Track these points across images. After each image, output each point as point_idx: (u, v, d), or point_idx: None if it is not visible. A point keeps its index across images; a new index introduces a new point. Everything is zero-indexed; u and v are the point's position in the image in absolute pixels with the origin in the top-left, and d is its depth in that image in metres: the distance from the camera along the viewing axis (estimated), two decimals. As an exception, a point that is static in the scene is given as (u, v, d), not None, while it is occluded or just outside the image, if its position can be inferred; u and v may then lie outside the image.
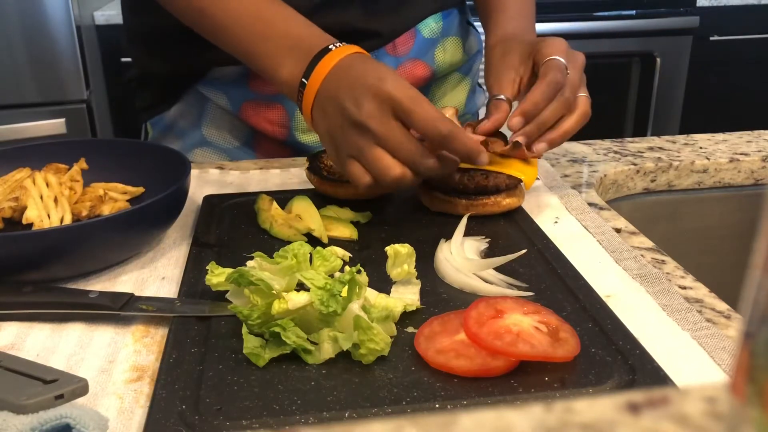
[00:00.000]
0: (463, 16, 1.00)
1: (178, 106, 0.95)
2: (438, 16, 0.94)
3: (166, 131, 0.97)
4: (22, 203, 0.69)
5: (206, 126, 0.94)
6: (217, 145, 0.94)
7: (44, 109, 2.01)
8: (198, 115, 0.94)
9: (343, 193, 0.75)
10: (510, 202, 0.73)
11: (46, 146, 0.80)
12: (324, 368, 0.49)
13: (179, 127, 0.96)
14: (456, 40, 0.97)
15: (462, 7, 1.00)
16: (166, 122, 0.97)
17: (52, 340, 0.55)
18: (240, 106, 0.91)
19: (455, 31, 0.97)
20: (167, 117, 0.96)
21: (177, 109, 0.95)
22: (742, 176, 0.91)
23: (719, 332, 0.53)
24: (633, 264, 0.64)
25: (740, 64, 2.45)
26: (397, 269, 0.58)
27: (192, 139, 0.95)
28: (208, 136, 0.94)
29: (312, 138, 0.92)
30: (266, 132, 0.92)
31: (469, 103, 1.03)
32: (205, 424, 0.43)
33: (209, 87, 0.92)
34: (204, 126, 0.94)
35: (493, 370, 0.47)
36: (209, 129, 0.94)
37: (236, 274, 0.52)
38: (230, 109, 0.91)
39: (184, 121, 0.95)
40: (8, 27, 1.92)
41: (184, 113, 0.95)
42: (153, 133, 1.00)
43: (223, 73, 0.90)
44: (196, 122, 0.94)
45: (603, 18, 2.28)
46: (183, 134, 0.96)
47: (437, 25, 0.94)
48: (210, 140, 0.94)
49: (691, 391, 0.26)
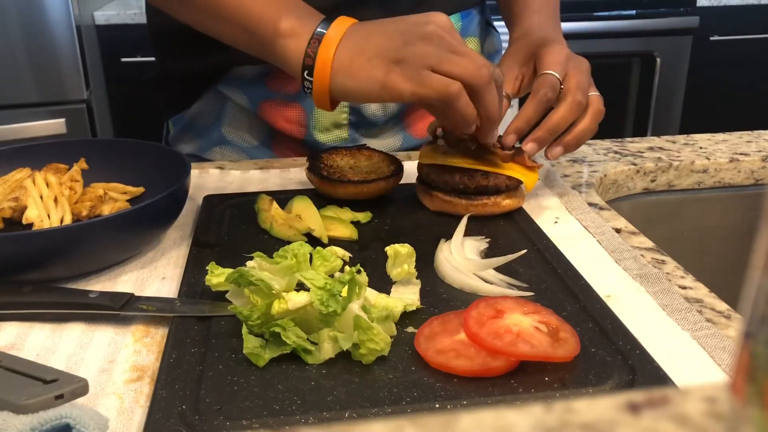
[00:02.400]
0: (483, 16, 1.00)
1: (197, 105, 0.95)
2: (457, 16, 0.94)
3: (185, 130, 0.98)
4: (22, 203, 0.69)
5: (225, 125, 0.94)
6: (236, 144, 0.95)
7: (44, 109, 2.01)
8: (217, 114, 0.94)
9: (343, 193, 0.75)
10: (510, 203, 0.73)
11: (46, 146, 0.80)
12: (324, 368, 0.49)
13: (198, 126, 0.97)
14: (475, 40, 0.98)
15: (481, 7, 1.00)
16: (186, 121, 0.97)
17: (52, 340, 0.55)
18: (258, 105, 0.91)
19: (474, 32, 0.98)
20: (187, 115, 0.97)
21: (197, 108, 0.96)
22: (742, 176, 0.91)
23: (719, 332, 0.53)
24: (633, 264, 0.64)
25: (740, 64, 2.45)
26: (397, 269, 0.58)
27: (211, 137, 0.96)
28: (227, 134, 0.95)
29: (330, 137, 0.92)
30: (284, 131, 0.92)
31: None
32: (205, 424, 0.43)
33: (229, 86, 0.92)
34: (223, 125, 0.94)
35: (493, 370, 0.47)
36: (228, 128, 0.94)
37: (236, 274, 0.52)
38: (249, 108, 0.92)
39: (204, 120, 0.96)
40: (8, 27, 1.92)
41: (204, 112, 0.95)
42: (173, 132, 1.00)
43: (243, 72, 0.90)
44: (215, 121, 0.95)
45: (603, 18, 2.28)
46: (202, 133, 0.96)
47: (456, 25, 0.94)
48: (229, 139, 0.95)
49: (691, 391, 0.26)
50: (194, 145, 0.98)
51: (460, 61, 0.63)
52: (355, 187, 0.74)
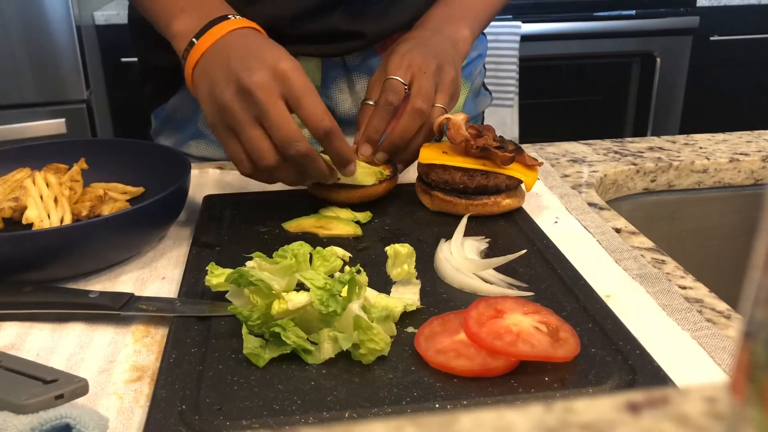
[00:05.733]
0: None
1: (175, 98, 0.96)
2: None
3: (165, 123, 0.98)
4: (22, 203, 0.69)
5: (201, 118, 0.94)
6: (212, 138, 0.95)
7: (44, 109, 2.01)
8: (194, 108, 0.94)
9: (336, 198, 0.74)
10: (510, 203, 0.73)
11: (46, 146, 0.80)
12: (324, 368, 0.49)
13: (176, 119, 0.97)
14: None
15: None
16: (166, 114, 0.98)
17: (52, 340, 0.55)
18: None
19: None
20: (166, 108, 0.97)
21: (174, 102, 0.96)
22: (742, 176, 0.91)
23: (719, 332, 0.53)
24: (633, 264, 0.64)
25: (740, 64, 2.45)
26: (397, 269, 0.58)
27: (187, 131, 0.96)
28: (202, 128, 0.95)
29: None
30: None
31: (468, 107, 1.02)
32: (205, 424, 0.43)
33: None
34: (199, 119, 0.94)
35: (493, 370, 0.47)
36: (204, 122, 0.94)
37: (236, 274, 0.52)
38: None
39: (181, 114, 0.96)
40: (8, 27, 1.92)
41: (181, 106, 0.96)
42: (154, 125, 1.01)
43: None
44: (192, 114, 0.95)
45: (603, 18, 2.28)
46: (180, 126, 0.97)
47: None
48: (205, 132, 0.95)
49: (691, 391, 0.26)
50: (173, 139, 0.98)
51: (254, 136, 0.64)
52: (347, 192, 0.74)
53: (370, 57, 0.91)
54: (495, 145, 0.73)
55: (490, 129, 0.76)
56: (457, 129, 0.73)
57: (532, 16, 2.22)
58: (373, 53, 0.92)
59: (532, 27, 2.19)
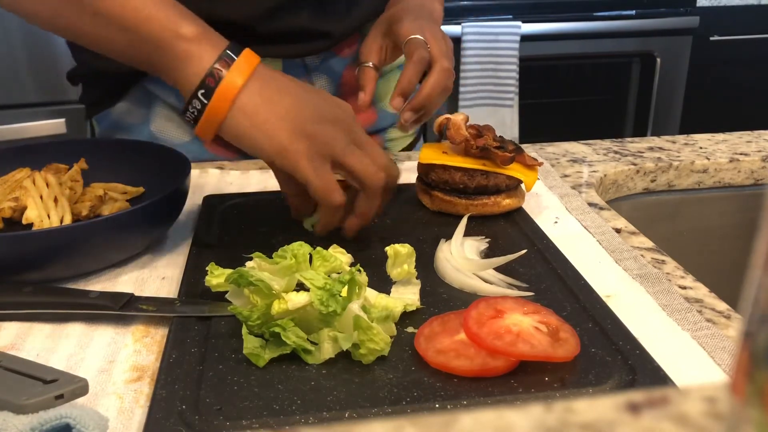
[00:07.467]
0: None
1: (124, 102, 0.93)
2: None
3: (112, 127, 0.95)
4: (22, 203, 0.69)
5: (155, 122, 0.92)
6: (167, 141, 0.92)
7: (44, 109, 2.01)
8: (146, 111, 0.92)
9: None
10: (510, 203, 0.73)
11: (46, 146, 0.80)
12: (324, 368, 0.49)
13: (127, 123, 0.94)
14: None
15: None
16: (113, 118, 0.95)
17: (52, 340, 0.55)
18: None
19: None
20: (113, 113, 0.94)
21: (123, 105, 0.93)
22: (742, 176, 0.91)
23: (719, 332, 0.53)
24: (633, 264, 0.64)
25: (740, 64, 2.45)
26: (397, 269, 0.58)
27: (140, 134, 0.93)
28: (156, 131, 0.92)
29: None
30: None
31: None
32: (205, 424, 0.43)
33: (156, 84, 0.90)
34: (153, 122, 0.92)
35: (493, 370, 0.47)
36: (158, 124, 0.92)
37: (236, 274, 0.52)
38: (179, 106, 0.90)
39: (132, 117, 0.93)
40: (8, 27, 1.92)
41: (131, 110, 0.93)
42: (99, 129, 0.98)
43: None
44: (144, 118, 0.93)
45: (603, 18, 2.28)
46: (131, 130, 0.94)
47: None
48: (159, 136, 0.92)
49: (691, 391, 0.26)
50: None
51: (363, 158, 0.63)
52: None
53: (329, 57, 0.92)
54: (495, 145, 0.73)
55: (490, 129, 0.76)
56: (457, 129, 0.73)
57: (532, 16, 2.21)
58: (332, 54, 0.92)
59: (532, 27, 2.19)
